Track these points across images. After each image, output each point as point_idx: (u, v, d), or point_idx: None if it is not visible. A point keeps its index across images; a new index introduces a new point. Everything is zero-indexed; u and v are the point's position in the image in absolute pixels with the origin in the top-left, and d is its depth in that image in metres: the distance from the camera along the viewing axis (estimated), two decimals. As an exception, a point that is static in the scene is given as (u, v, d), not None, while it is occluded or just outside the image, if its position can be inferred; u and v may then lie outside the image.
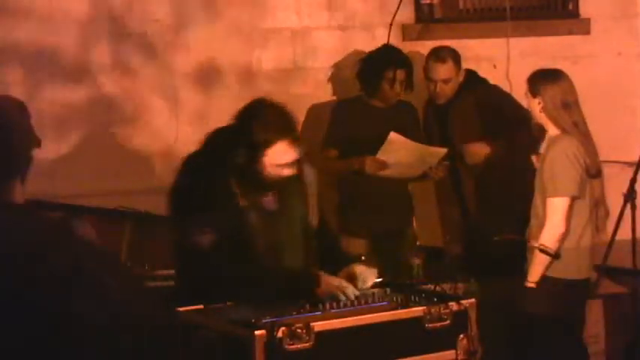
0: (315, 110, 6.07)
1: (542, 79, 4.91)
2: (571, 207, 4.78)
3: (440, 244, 6.09)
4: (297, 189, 4.12)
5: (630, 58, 6.61)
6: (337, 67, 6.18)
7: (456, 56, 5.81)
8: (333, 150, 5.81)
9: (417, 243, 5.87)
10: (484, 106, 5.78)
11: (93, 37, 5.74)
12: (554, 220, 4.77)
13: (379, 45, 6.00)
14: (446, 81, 5.76)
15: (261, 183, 3.94)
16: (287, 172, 3.93)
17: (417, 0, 6.28)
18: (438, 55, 5.79)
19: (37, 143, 2.96)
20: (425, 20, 6.32)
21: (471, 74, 5.88)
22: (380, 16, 6.18)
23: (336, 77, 6.19)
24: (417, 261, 5.05)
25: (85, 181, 5.51)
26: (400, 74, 5.76)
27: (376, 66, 5.79)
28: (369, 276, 3.99)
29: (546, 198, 4.81)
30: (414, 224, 6.04)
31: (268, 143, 3.89)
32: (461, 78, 5.81)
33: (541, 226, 4.80)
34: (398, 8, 6.15)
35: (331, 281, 3.85)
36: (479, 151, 5.69)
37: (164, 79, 5.88)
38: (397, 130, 5.59)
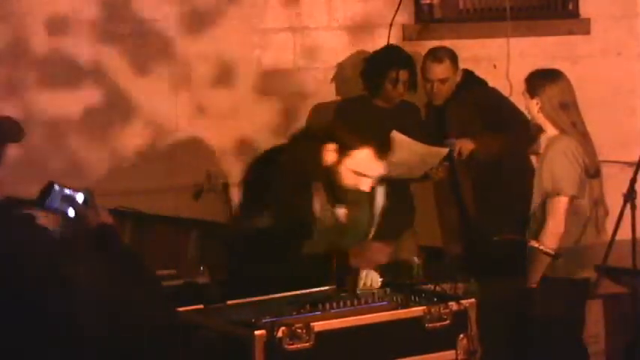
0: (318, 110, 6.08)
1: (541, 79, 4.91)
2: (570, 207, 4.79)
3: (439, 244, 6.10)
4: (368, 208, 4.17)
5: (630, 58, 6.61)
6: (338, 67, 6.18)
7: (453, 56, 5.81)
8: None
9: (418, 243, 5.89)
10: (481, 106, 5.78)
11: (92, 37, 5.74)
12: (553, 220, 4.77)
13: (379, 45, 6.01)
14: (443, 81, 5.77)
15: (338, 189, 3.97)
16: (364, 185, 3.95)
17: (417, 0, 6.29)
18: (435, 55, 5.80)
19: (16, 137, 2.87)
20: (425, 20, 6.32)
21: (469, 74, 5.89)
22: (380, 16, 6.18)
23: (337, 77, 6.19)
24: (417, 261, 5.05)
25: (85, 182, 5.51)
26: (403, 74, 5.77)
27: (379, 66, 5.80)
28: (374, 280, 4.00)
29: (546, 198, 4.81)
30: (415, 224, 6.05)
31: (352, 147, 3.94)
32: (458, 78, 5.81)
33: (541, 225, 4.80)
34: (398, 8, 6.15)
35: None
36: (462, 146, 5.69)
37: (164, 79, 5.88)
38: (400, 130, 5.59)
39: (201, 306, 3.75)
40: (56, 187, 2.84)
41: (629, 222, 5.37)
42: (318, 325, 3.49)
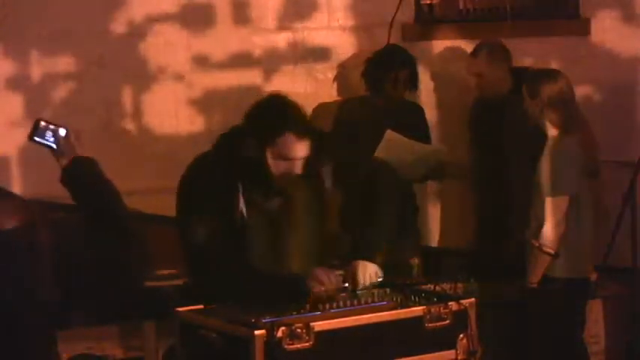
0: (318, 110, 6.08)
1: (540, 78, 4.92)
2: (570, 206, 4.79)
3: (439, 244, 6.11)
4: (310, 197, 4.11)
5: (630, 58, 6.60)
6: (338, 67, 6.18)
7: (492, 52, 5.78)
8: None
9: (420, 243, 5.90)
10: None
11: (91, 36, 5.75)
12: (554, 220, 4.77)
13: (379, 45, 6.01)
14: (477, 75, 5.75)
15: (269, 181, 3.94)
16: (295, 168, 3.92)
17: (417, 0, 6.29)
18: (475, 48, 5.80)
19: None
20: (425, 20, 6.32)
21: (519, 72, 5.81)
22: (380, 16, 6.18)
23: (338, 77, 6.19)
24: (416, 261, 5.05)
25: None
26: (403, 74, 5.77)
27: (379, 66, 5.81)
28: (371, 272, 3.98)
29: (546, 198, 4.81)
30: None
31: (276, 133, 3.88)
32: (499, 73, 5.75)
33: (541, 225, 4.81)
34: (398, 8, 6.15)
35: (321, 275, 3.84)
36: None
37: (165, 79, 5.88)
38: (402, 130, 5.60)
39: (201, 306, 3.76)
40: (42, 123, 3.18)
41: (629, 222, 5.38)
42: (318, 325, 3.49)
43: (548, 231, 4.77)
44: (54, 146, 3.17)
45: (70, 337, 5.27)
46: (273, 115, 3.94)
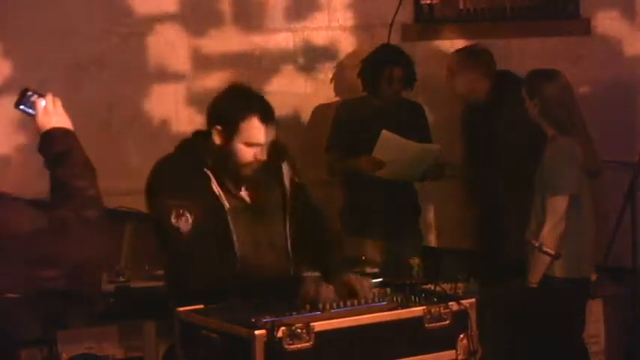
0: (319, 110, 6.09)
1: (539, 79, 4.92)
2: (570, 206, 4.79)
3: (439, 243, 6.11)
4: (276, 185, 4.10)
5: (630, 58, 6.61)
6: (338, 67, 6.18)
7: (468, 55, 5.85)
8: (335, 151, 5.82)
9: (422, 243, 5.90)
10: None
11: (91, 36, 5.75)
12: (554, 220, 4.77)
13: (379, 45, 6.01)
14: (450, 74, 5.80)
15: (236, 169, 3.94)
16: (259, 154, 3.93)
17: (417, 0, 6.29)
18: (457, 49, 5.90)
19: None
20: (425, 20, 6.32)
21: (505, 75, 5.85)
22: (380, 16, 6.19)
23: (337, 77, 6.19)
24: (417, 261, 5.06)
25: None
26: (397, 72, 5.76)
27: (374, 65, 5.81)
28: (365, 287, 3.95)
29: (546, 197, 4.81)
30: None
31: (238, 119, 3.91)
32: (470, 76, 5.79)
33: (541, 225, 4.81)
34: (398, 8, 6.15)
35: (311, 288, 3.82)
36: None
37: (165, 79, 5.88)
38: (401, 130, 5.60)
39: (201, 306, 3.76)
40: (29, 92, 3.21)
41: (629, 222, 5.38)
42: (318, 325, 3.49)
43: (549, 231, 4.77)
44: (34, 115, 3.20)
45: (70, 337, 5.27)
46: (236, 100, 3.99)
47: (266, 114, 3.94)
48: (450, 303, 3.76)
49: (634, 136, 6.51)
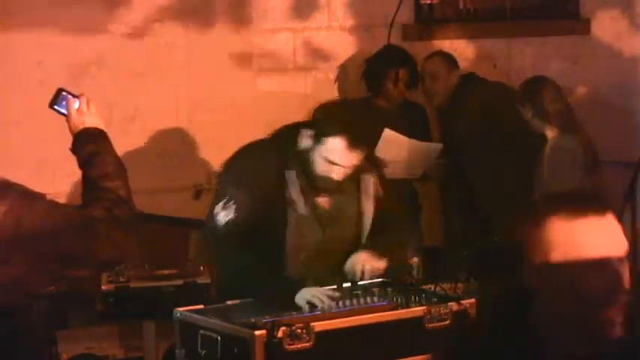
0: (319, 110, 6.07)
1: (529, 86, 5.06)
2: None
3: (439, 244, 6.10)
4: (354, 200, 4.13)
5: (630, 58, 6.61)
6: (338, 67, 6.18)
7: (446, 55, 5.88)
8: None
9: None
10: (483, 111, 5.77)
11: (91, 36, 5.75)
12: None
13: (379, 45, 6.01)
14: (433, 75, 5.82)
15: (313, 178, 3.96)
16: (336, 174, 3.95)
17: (417, 0, 6.29)
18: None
19: None
20: (425, 20, 6.32)
21: (469, 77, 5.89)
22: (380, 16, 6.19)
23: (338, 77, 6.19)
24: (417, 261, 5.05)
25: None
26: (403, 73, 5.77)
27: (379, 66, 5.81)
28: (374, 264, 3.98)
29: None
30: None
31: (326, 134, 3.93)
32: (454, 81, 5.82)
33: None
34: (398, 8, 6.15)
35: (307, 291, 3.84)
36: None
37: (165, 79, 5.88)
38: (403, 131, 5.59)
39: (201, 306, 3.76)
40: (63, 93, 3.23)
41: (629, 222, 5.37)
42: (318, 325, 3.49)
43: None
44: (67, 115, 3.23)
45: (70, 337, 5.27)
46: (333, 117, 4.09)
47: (355, 140, 3.95)
48: (450, 303, 3.76)
49: (634, 136, 6.51)
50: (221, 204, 3.96)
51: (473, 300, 3.81)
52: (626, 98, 6.59)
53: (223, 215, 3.94)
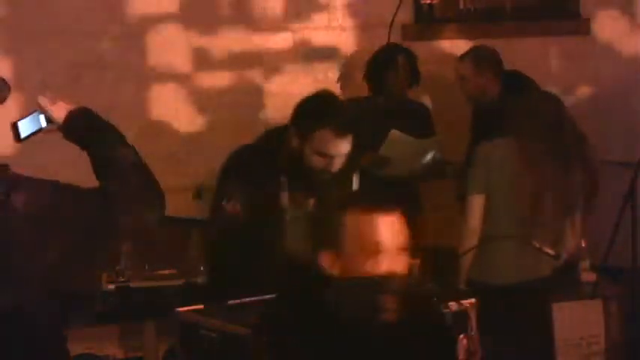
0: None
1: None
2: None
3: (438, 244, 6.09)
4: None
5: (630, 58, 6.61)
6: (338, 67, 6.18)
7: (477, 58, 5.77)
8: None
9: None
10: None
11: (91, 36, 5.75)
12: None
13: (379, 45, 6.01)
14: (462, 79, 5.76)
15: (308, 176, 3.97)
16: (330, 165, 3.94)
17: (417, 0, 6.29)
18: (464, 53, 5.83)
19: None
20: (425, 20, 6.32)
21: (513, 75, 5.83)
22: (380, 16, 6.19)
23: (338, 77, 6.19)
24: (417, 261, 5.05)
25: (86, 182, 5.50)
26: (404, 71, 5.77)
27: (380, 65, 5.81)
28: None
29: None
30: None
31: (313, 127, 3.94)
32: (481, 80, 5.76)
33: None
34: (398, 8, 6.15)
35: None
36: None
37: (165, 79, 5.88)
38: (406, 129, 5.59)
39: (201, 306, 3.76)
40: (18, 122, 3.15)
41: (630, 222, 5.37)
42: (318, 325, 3.48)
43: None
44: (42, 127, 3.16)
45: (70, 337, 5.26)
46: (314, 109, 4.04)
47: (341, 127, 3.95)
48: (450, 303, 3.75)
49: (634, 136, 6.51)
50: (221, 204, 3.96)
51: (473, 300, 3.80)
52: (626, 98, 6.59)
53: (223, 214, 3.94)
